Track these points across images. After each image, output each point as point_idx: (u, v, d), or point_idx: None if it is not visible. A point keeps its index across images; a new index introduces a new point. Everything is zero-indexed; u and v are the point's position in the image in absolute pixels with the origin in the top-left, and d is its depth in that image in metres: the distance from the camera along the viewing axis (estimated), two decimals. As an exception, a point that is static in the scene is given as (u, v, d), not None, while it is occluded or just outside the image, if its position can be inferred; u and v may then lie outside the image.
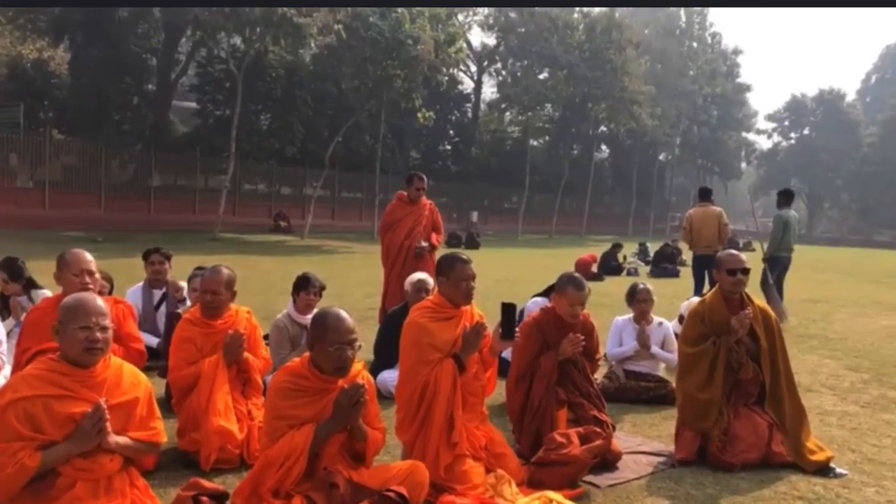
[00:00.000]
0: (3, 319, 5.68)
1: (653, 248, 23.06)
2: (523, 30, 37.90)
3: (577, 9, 39.67)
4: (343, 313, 3.37)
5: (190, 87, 32.93)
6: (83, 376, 2.96)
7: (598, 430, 4.28)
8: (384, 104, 27.98)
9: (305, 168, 32.52)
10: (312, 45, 24.50)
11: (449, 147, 43.82)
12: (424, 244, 7.23)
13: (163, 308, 6.67)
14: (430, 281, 6.13)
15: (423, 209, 7.39)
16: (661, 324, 6.14)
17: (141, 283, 6.79)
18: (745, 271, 4.61)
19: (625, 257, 20.39)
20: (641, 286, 6.12)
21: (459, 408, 3.90)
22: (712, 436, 4.42)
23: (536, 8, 36.91)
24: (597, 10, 40.49)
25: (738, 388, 4.60)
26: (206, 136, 30.45)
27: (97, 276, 4.28)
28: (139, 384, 3.15)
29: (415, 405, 3.89)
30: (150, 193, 29.14)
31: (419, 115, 28.75)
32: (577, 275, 4.66)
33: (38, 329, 4.10)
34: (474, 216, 39.72)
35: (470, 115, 44.51)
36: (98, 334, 2.94)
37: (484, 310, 4.24)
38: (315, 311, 5.91)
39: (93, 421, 2.87)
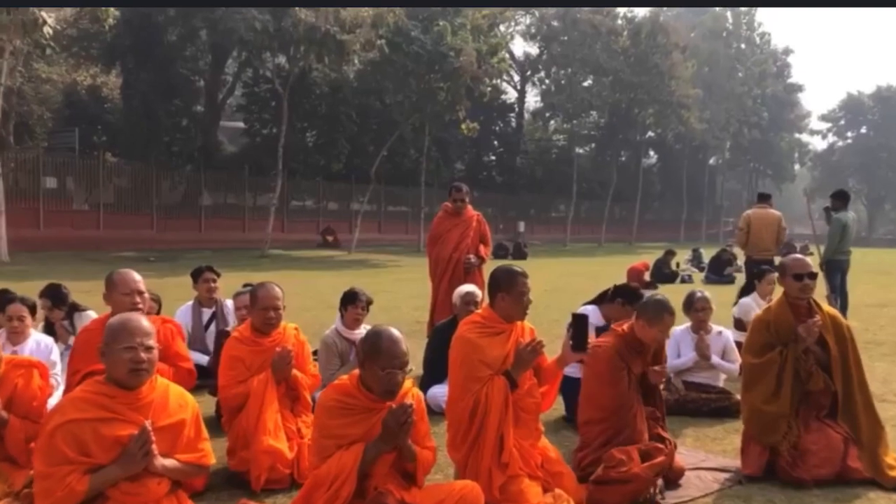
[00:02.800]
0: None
1: (707, 254, 22.52)
2: (566, 38, 37.67)
3: (621, 15, 39.32)
4: (396, 334, 3.26)
5: (237, 108, 33.55)
6: (129, 398, 2.91)
7: (660, 445, 4.09)
8: (428, 117, 28.03)
9: (351, 183, 32.77)
10: (356, 61, 24.70)
11: (494, 157, 43.71)
12: (473, 259, 7.09)
13: (213, 327, 6.66)
14: (479, 294, 6.01)
15: (471, 221, 7.26)
16: (720, 333, 5.90)
17: (190, 302, 6.80)
18: (812, 276, 4.37)
19: (678, 264, 19.95)
20: (699, 294, 5.88)
21: (510, 427, 3.75)
22: (782, 450, 4.18)
23: (579, 16, 36.70)
24: (641, 14, 40.12)
25: (807, 399, 4.35)
26: (253, 154, 30.95)
27: (146, 295, 4.25)
28: (186, 405, 3.09)
29: (465, 423, 3.76)
30: (201, 212, 29.73)
31: (463, 126, 28.73)
32: (666, 299, 4.42)
33: (87, 350, 4.07)
34: (521, 226, 39.48)
35: (514, 124, 44.34)
36: (143, 354, 2.89)
37: (531, 321, 4.09)
38: (366, 327, 5.86)
39: (139, 444, 2.82)
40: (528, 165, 42.09)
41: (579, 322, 3.88)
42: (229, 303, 6.79)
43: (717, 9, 53.17)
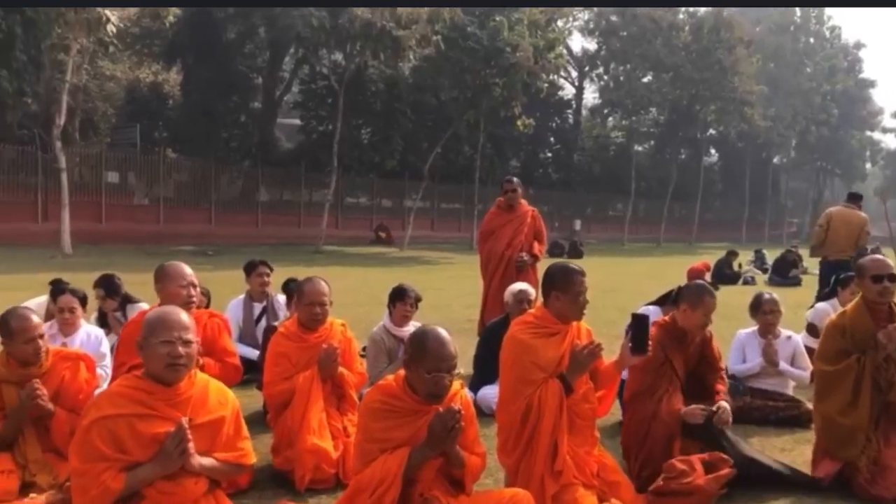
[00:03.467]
0: (107, 335, 5.74)
1: (770, 255, 21.78)
2: (625, 33, 36.95)
3: (683, 9, 38.38)
4: (444, 335, 3.10)
5: (293, 104, 33.88)
6: (167, 394, 2.81)
7: (725, 456, 3.83)
8: (483, 113, 27.81)
9: (405, 180, 32.78)
10: (411, 57, 24.64)
11: (550, 154, 43.17)
12: (526, 257, 6.87)
13: (263, 321, 6.62)
14: (532, 292, 5.81)
15: (525, 217, 7.04)
16: (789, 338, 5.58)
17: (242, 296, 6.76)
18: (893, 278, 4.05)
19: (740, 265, 19.32)
20: (767, 296, 5.56)
21: (564, 433, 3.55)
22: (860, 466, 3.89)
23: (639, 10, 35.94)
24: (703, 9, 39.05)
25: (888, 411, 4.04)
26: (309, 151, 31.21)
27: (198, 288, 4.19)
28: (226, 402, 2.98)
29: (517, 428, 3.58)
30: (258, 208, 30.12)
31: (519, 122, 28.43)
32: (706, 283, 4.30)
33: (132, 343, 4.00)
34: (577, 224, 38.94)
35: (571, 121, 43.75)
36: (180, 349, 2.78)
37: (587, 322, 3.88)
38: (415, 325, 5.73)
39: (175, 442, 2.71)
40: (586, 163, 41.44)
41: (640, 323, 3.66)
42: (280, 298, 6.76)
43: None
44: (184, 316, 2.88)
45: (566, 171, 41.26)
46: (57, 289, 5.64)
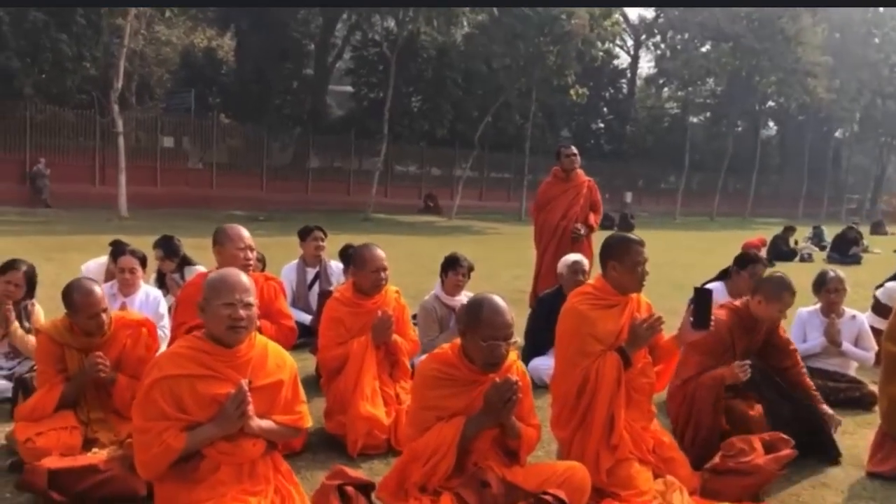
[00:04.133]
0: (164, 296, 5.83)
1: (829, 232, 21.15)
2: (684, 0, 35.92)
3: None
4: (500, 303, 3.06)
5: (345, 72, 33.88)
6: (227, 356, 2.83)
7: (786, 437, 3.73)
8: (535, 82, 27.41)
9: (455, 148, 32.61)
10: (465, 23, 24.30)
11: (602, 125, 42.46)
12: (581, 228, 6.76)
13: (316, 286, 6.67)
14: (587, 263, 5.73)
15: (581, 187, 6.91)
16: (854, 317, 5.38)
17: (296, 261, 6.81)
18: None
19: (797, 242, 18.81)
20: (832, 274, 5.36)
21: (622, 407, 3.49)
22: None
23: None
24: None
25: (962, 396, 3.88)
26: (360, 118, 31.27)
27: (256, 252, 4.22)
28: (284, 366, 2.99)
29: (572, 400, 3.52)
30: (308, 175, 30.36)
31: (572, 91, 27.94)
32: (786, 278, 4.15)
33: (191, 304, 4.05)
34: (628, 197, 38.33)
35: (625, 91, 42.85)
36: (242, 311, 2.79)
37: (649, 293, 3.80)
38: (467, 294, 5.70)
39: (235, 403, 2.74)
40: (639, 134, 40.66)
41: (702, 297, 3.55)
42: (333, 263, 6.80)
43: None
44: (244, 278, 2.89)
45: (618, 143, 40.57)
46: (117, 249, 5.73)
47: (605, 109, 41.96)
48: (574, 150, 6.85)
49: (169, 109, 28.55)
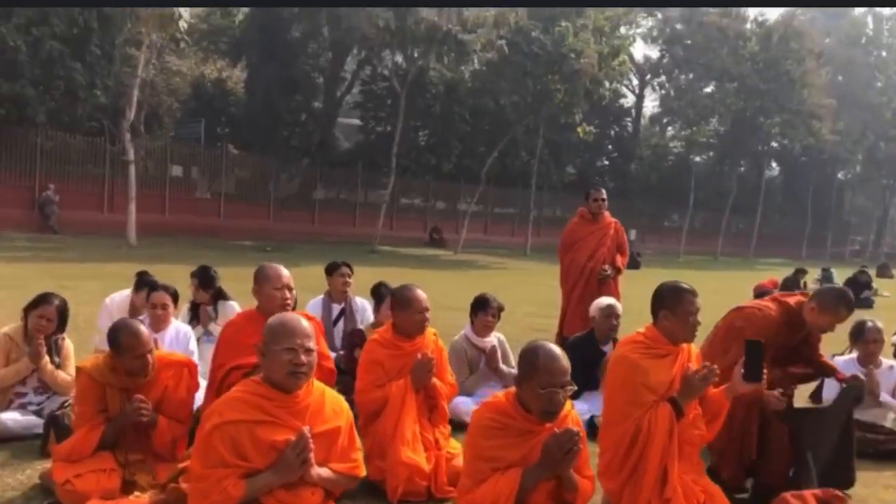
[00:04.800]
0: (193, 327, 5.77)
1: (837, 273, 21.10)
2: (690, 41, 36.35)
3: (751, 18, 37.62)
4: (556, 350, 3.04)
5: (353, 105, 34.14)
6: (286, 401, 2.78)
7: (840, 494, 3.65)
8: (543, 119, 27.63)
9: (460, 183, 32.74)
10: (475, 61, 24.60)
11: (607, 162, 42.70)
12: (608, 270, 6.74)
13: (341, 323, 6.60)
14: (620, 307, 5.68)
15: (608, 228, 6.91)
16: (891, 367, 5.34)
17: (321, 297, 6.75)
18: None
19: (805, 284, 18.76)
20: (871, 324, 5.31)
21: (675, 460, 3.43)
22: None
23: (705, 18, 35.35)
24: (773, 18, 38.21)
25: None
26: (367, 151, 31.46)
27: (294, 291, 4.16)
28: (341, 412, 2.95)
29: (623, 451, 3.47)
30: (315, 206, 30.43)
31: (579, 129, 28.18)
32: (849, 294, 4.10)
33: (231, 345, 4.03)
34: (633, 234, 38.32)
35: (630, 129, 43.18)
36: (303, 357, 2.76)
37: None
38: (495, 336, 5.65)
39: (296, 451, 2.68)
40: (643, 172, 40.85)
41: (753, 349, 3.51)
42: (359, 300, 6.73)
43: (857, 13, 49.99)
44: (305, 323, 2.85)
45: (623, 180, 40.75)
46: (142, 281, 5.70)
47: (609, 147, 42.22)
48: (604, 193, 6.87)
49: (178, 139, 28.70)
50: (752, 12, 37.96)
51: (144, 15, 20.69)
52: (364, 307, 6.73)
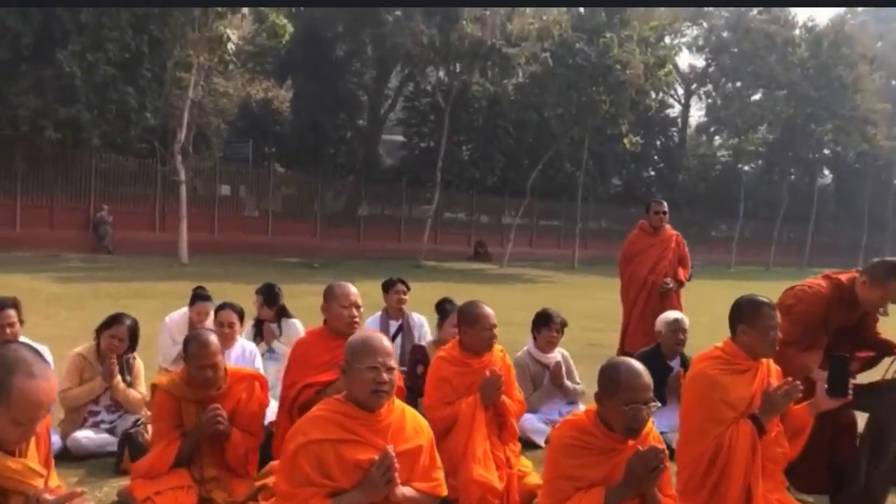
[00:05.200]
0: (257, 344, 5.84)
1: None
2: (736, 49, 35.83)
3: (800, 24, 36.93)
4: (637, 366, 3.00)
5: (396, 121, 34.42)
6: (369, 420, 2.78)
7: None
8: (588, 130, 27.49)
9: (504, 196, 32.69)
10: (519, 74, 24.60)
11: (653, 173, 42.21)
12: (670, 283, 6.63)
13: (399, 339, 6.59)
14: (687, 321, 5.58)
15: (669, 241, 6.81)
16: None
17: (378, 314, 6.76)
18: None
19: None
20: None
21: (759, 477, 3.34)
22: None
23: (752, 25, 34.86)
24: (822, 24, 37.47)
25: None
26: (411, 167, 31.64)
27: (362, 309, 4.17)
28: (422, 431, 2.93)
29: (703, 469, 3.40)
30: (360, 222, 30.66)
31: (625, 140, 27.93)
32: None
33: (302, 363, 4.07)
34: (681, 246, 37.79)
35: (676, 139, 42.67)
36: (385, 375, 2.76)
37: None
38: (559, 352, 5.60)
39: (381, 470, 2.67)
40: (690, 182, 40.31)
41: (838, 364, 3.42)
42: (416, 316, 6.73)
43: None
44: (386, 342, 2.85)
45: (669, 191, 40.12)
46: (198, 295, 5.82)
47: (655, 158, 41.74)
48: (665, 206, 6.78)
49: (226, 159, 29.20)
50: (800, 18, 37.43)
51: (193, 38, 21.18)
52: (421, 323, 6.74)
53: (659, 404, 3.06)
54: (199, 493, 3.64)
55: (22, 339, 4.58)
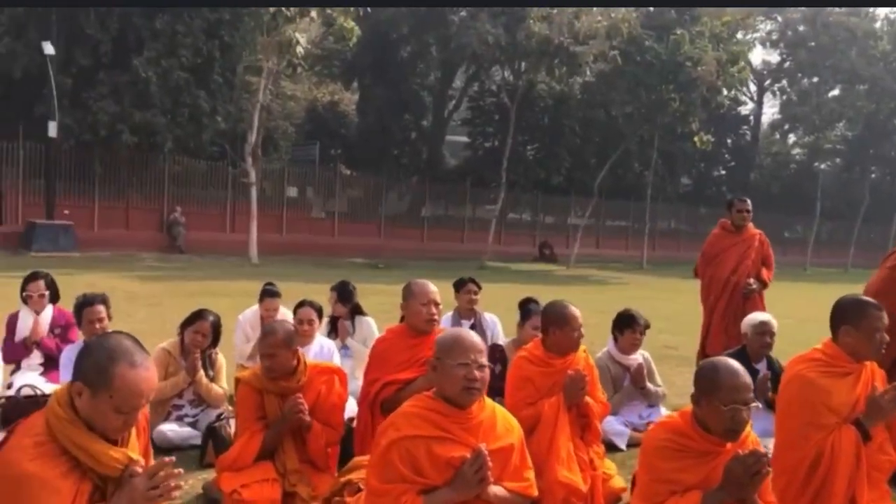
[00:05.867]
0: (334, 339, 5.88)
1: None
2: (814, 44, 34.55)
3: (882, 16, 35.50)
4: (736, 366, 2.89)
5: (461, 122, 34.46)
6: (461, 417, 2.73)
7: None
8: (657, 129, 26.94)
9: (571, 196, 32.32)
10: (588, 72, 24.30)
11: (724, 172, 41.11)
12: (753, 284, 6.39)
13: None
14: (776, 324, 5.36)
15: (752, 240, 6.55)
16: None
17: (450, 313, 6.73)
18: None
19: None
20: None
21: (864, 486, 3.18)
22: None
23: (831, 19, 33.60)
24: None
25: None
26: (475, 167, 31.59)
27: (441, 307, 4.14)
28: (512, 429, 2.87)
29: (802, 476, 3.27)
30: (423, 223, 30.75)
31: (696, 139, 27.21)
32: None
33: (383, 360, 4.07)
34: (752, 246, 36.71)
35: (748, 137, 41.44)
36: (476, 372, 2.71)
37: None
38: (643, 353, 5.46)
39: (475, 468, 2.62)
40: (763, 181, 39.10)
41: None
42: (488, 316, 6.67)
43: None
44: (477, 339, 2.80)
45: (741, 190, 39.01)
46: (267, 291, 5.91)
47: (727, 156, 40.64)
48: (749, 204, 6.54)
49: (294, 161, 29.71)
50: (882, 10, 35.83)
51: (263, 42, 21.60)
52: (494, 322, 6.69)
53: (759, 405, 2.93)
54: (284, 487, 3.67)
55: (112, 333, 4.71)
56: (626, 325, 5.30)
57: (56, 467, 2.09)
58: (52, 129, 19.89)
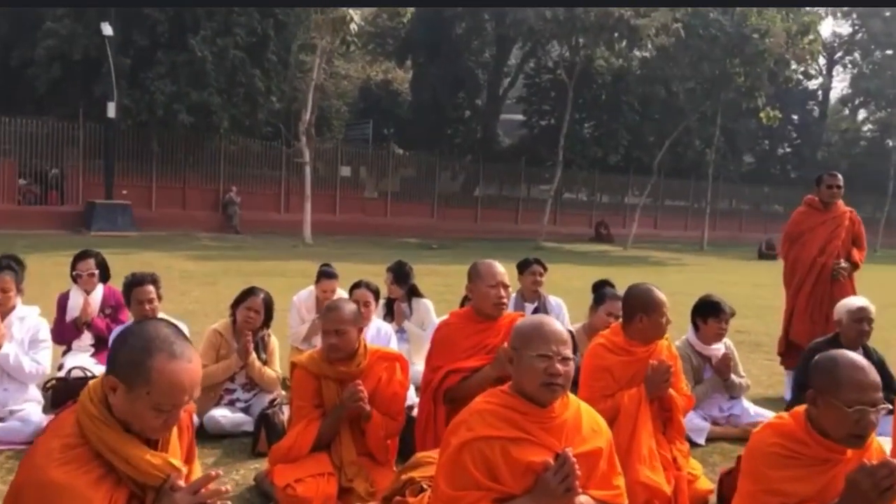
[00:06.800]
0: (390, 322, 5.62)
1: None
2: (889, 13, 32.83)
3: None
4: (862, 361, 2.47)
5: (517, 99, 33.86)
6: (541, 416, 2.39)
7: None
8: (720, 105, 25.93)
9: (629, 175, 31.52)
10: (649, 46, 23.48)
11: (789, 150, 39.59)
12: (844, 264, 5.88)
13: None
14: (873, 310, 4.88)
15: (842, 218, 6.04)
16: None
17: (513, 295, 6.38)
18: None
19: None
20: None
21: None
22: None
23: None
24: None
25: None
26: (530, 146, 31.04)
27: (510, 289, 3.79)
28: (600, 431, 2.52)
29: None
30: (477, 203, 30.38)
31: (762, 114, 26.08)
32: None
33: (447, 346, 3.75)
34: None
35: (816, 113, 39.77)
36: (559, 366, 2.36)
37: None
38: (727, 342, 5.03)
39: (560, 476, 2.28)
40: (831, 159, 37.45)
41: None
42: (552, 299, 6.33)
43: None
44: (560, 328, 2.45)
45: (807, 168, 37.56)
46: (324, 273, 5.67)
47: (792, 134, 39.09)
48: (840, 180, 6.03)
49: (347, 140, 29.61)
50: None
51: (317, 20, 21.39)
52: (559, 306, 6.34)
53: (890, 407, 2.52)
54: (340, 482, 3.41)
55: (161, 315, 4.52)
56: (710, 313, 4.86)
57: (86, 473, 1.82)
58: (111, 110, 20.11)
